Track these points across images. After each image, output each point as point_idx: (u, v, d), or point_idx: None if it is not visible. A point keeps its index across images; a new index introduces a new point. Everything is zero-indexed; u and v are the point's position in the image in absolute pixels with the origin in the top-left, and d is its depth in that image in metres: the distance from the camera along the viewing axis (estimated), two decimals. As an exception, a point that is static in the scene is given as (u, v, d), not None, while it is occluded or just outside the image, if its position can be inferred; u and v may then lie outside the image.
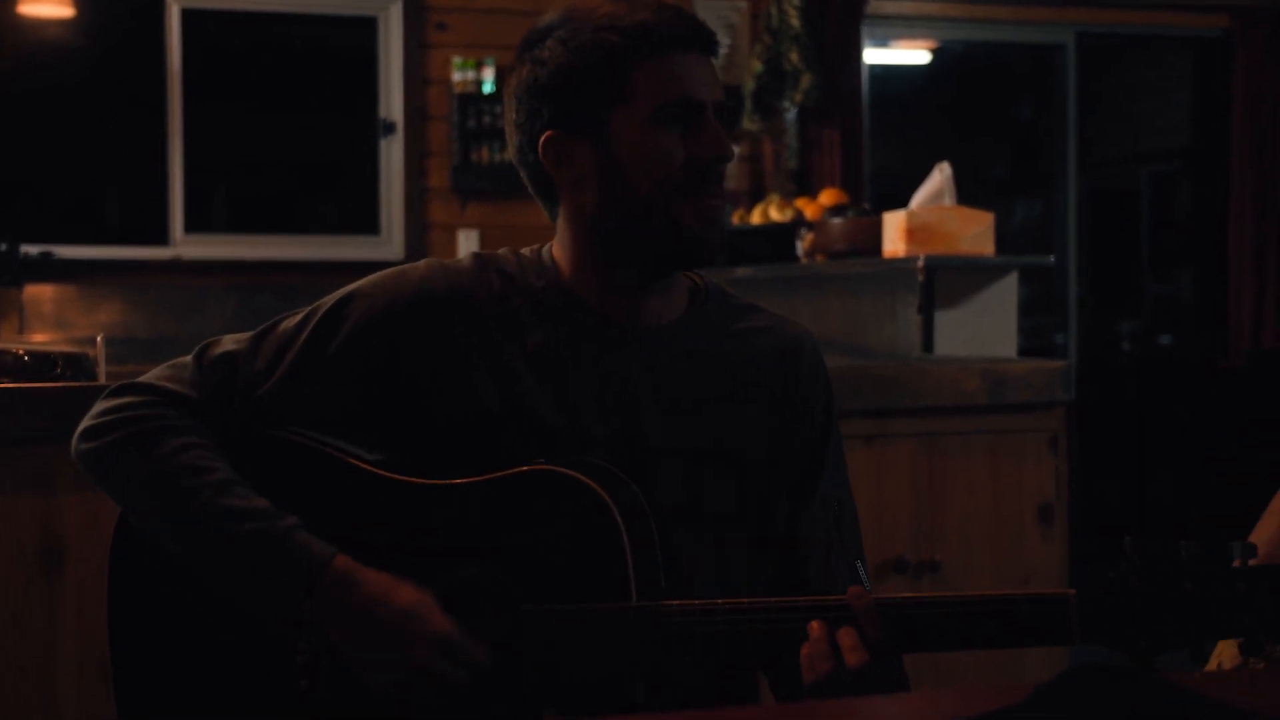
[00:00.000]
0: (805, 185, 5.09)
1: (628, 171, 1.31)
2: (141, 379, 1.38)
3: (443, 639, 1.24)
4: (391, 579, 1.26)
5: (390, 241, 5.15)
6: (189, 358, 1.38)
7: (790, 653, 1.22)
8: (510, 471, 1.29)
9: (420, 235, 5.10)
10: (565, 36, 1.32)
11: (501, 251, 1.42)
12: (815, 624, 1.21)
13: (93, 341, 2.14)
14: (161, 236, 5.01)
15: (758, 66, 5.06)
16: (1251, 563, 1.10)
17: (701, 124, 1.32)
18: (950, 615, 1.19)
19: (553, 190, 1.37)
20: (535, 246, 1.43)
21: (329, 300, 1.38)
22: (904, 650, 1.22)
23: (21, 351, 2.08)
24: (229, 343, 1.38)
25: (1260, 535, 1.47)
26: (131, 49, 5.12)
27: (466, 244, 5.07)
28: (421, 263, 1.40)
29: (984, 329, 3.24)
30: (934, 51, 6.00)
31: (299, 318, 1.38)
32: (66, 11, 5.00)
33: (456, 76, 5.05)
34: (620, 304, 1.37)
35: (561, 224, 1.38)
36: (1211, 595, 1.10)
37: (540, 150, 1.34)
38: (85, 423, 1.36)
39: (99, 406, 1.36)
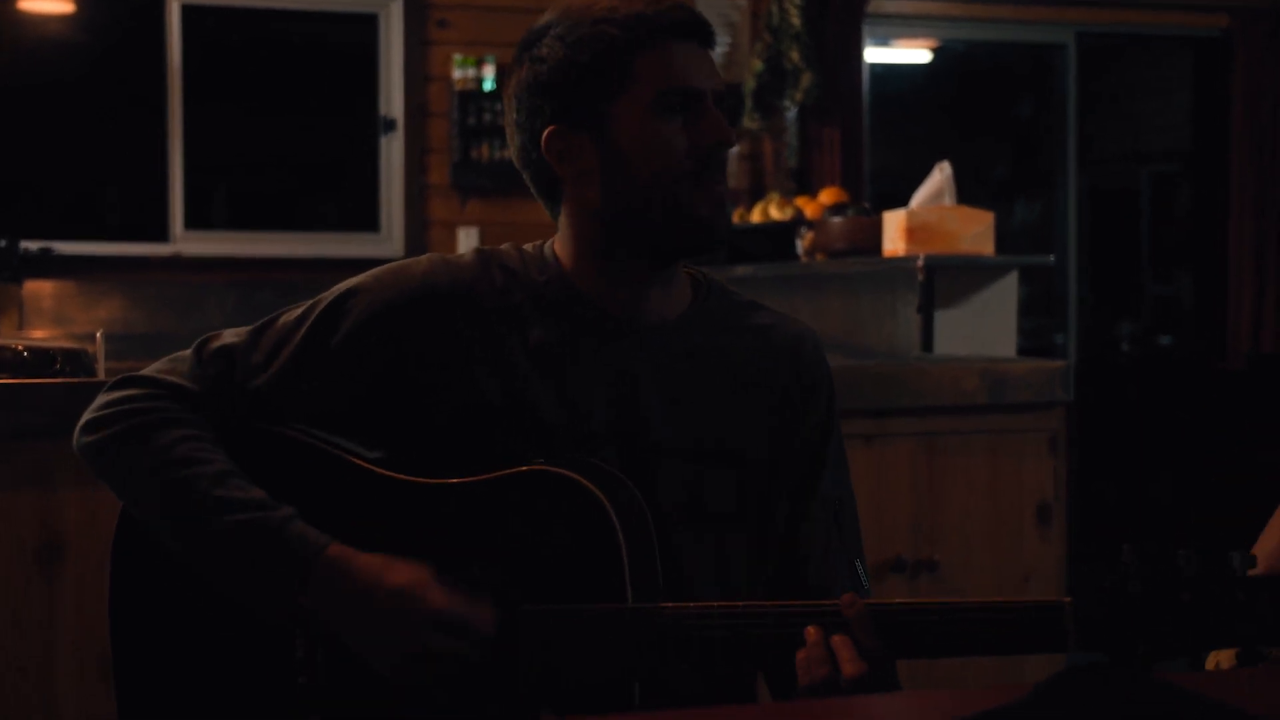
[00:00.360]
0: (805, 184, 5.09)
1: (630, 161, 1.32)
2: (142, 372, 1.38)
3: (440, 614, 1.24)
4: (386, 560, 1.26)
5: (390, 239, 5.15)
6: (189, 351, 1.39)
7: (786, 656, 1.22)
8: (508, 472, 1.29)
9: (420, 232, 5.10)
10: (562, 33, 1.33)
11: (504, 247, 1.42)
12: (811, 629, 1.21)
13: (92, 338, 2.14)
14: (161, 233, 5.00)
15: (758, 65, 5.06)
16: (1251, 573, 1.10)
17: (702, 112, 1.32)
18: (944, 622, 1.19)
19: (556, 187, 1.37)
20: (537, 242, 1.43)
21: (330, 294, 1.38)
22: (898, 657, 1.22)
23: (21, 347, 2.08)
24: (229, 336, 1.38)
25: (1263, 548, 1.46)
26: (131, 45, 5.12)
27: (467, 241, 5.07)
28: (424, 257, 1.40)
29: (983, 329, 3.24)
30: (934, 51, 6.00)
31: (299, 311, 1.38)
32: (67, 7, 5.00)
33: (457, 74, 5.05)
34: (623, 299, 1.37)
35: (564, 220, 1.38)
36: (1210, 604, 1.10)
37: (543, 147, 1.34)
38: (86, 416, 1.37)
39: (100, 399, 1.37)
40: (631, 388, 1.35)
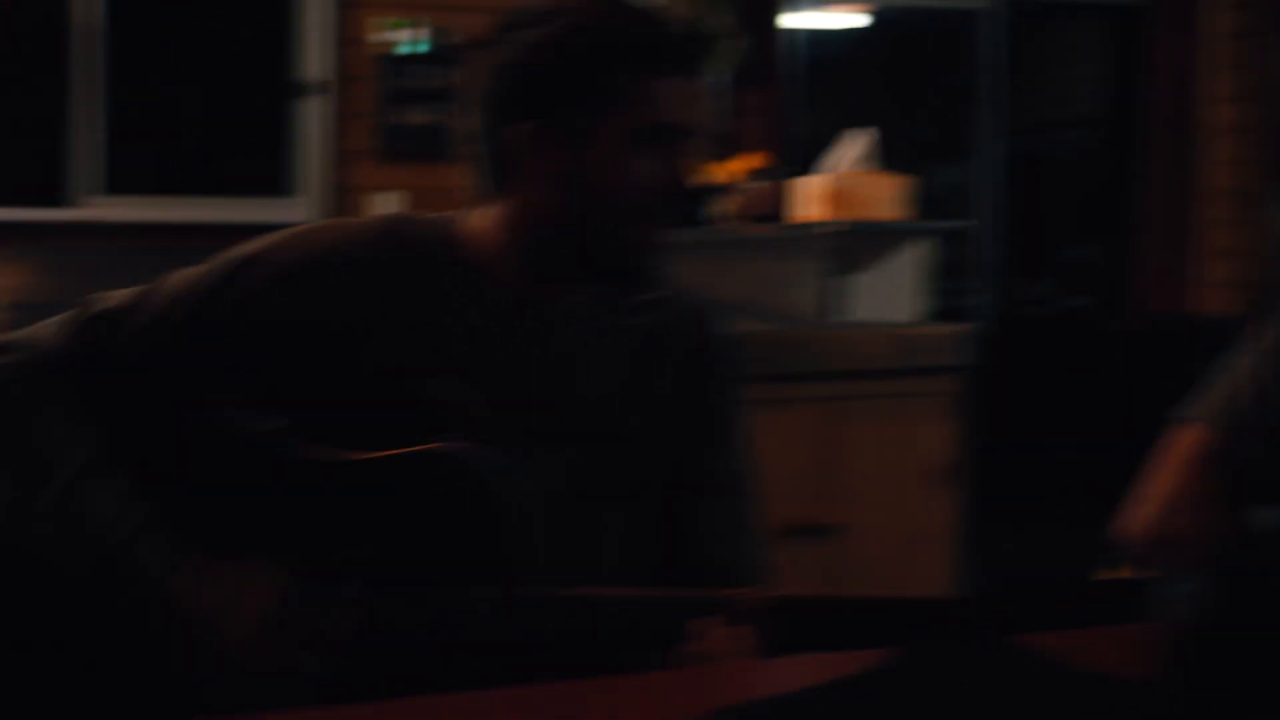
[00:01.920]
0: (726, 149, 5.10)
1: (599, 178, 1.29)
2: (13, 336, 1.34)
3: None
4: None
5: (309, 204, 5.10)
6: (68, 315, 1.34)
7: (672, 644, 1.21)
8: (396, 452, 1.27)
9: (340, 198, 5.05)
10: (560, 29, 1.29)
11: (412, 215, 1.40)
12: (704, 621, 1.19)
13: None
14: (66, 198, 4.91)
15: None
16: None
17: (680, 150, 1.30)
18: (840, 617, 1.20)
19: (508, 177, 1.33)
20: (448, 213, 1.39)
21: (226, 259, 1.35)
22: (797, 651, 1.21)
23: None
24: (113, 300, 1.35)
25: (1157, 493, 1.48)
26: (33, 1, 5.00)
27: (386, 207, 5.03)
28: (327, 224, 1.38)
29: (897, 293, 3.27)
30: (871, 15, 6.02)
31: (193, 277, 1.34)
32: (-29, -35, 4.86)
33: (380, 36, 4.99)
34: (528, 288, 1.35)
35: (501, 208, 1.34)
36: None
37: (511, 135, 1.30)
38: None
39: None
40: (522, 371, 1.34)
